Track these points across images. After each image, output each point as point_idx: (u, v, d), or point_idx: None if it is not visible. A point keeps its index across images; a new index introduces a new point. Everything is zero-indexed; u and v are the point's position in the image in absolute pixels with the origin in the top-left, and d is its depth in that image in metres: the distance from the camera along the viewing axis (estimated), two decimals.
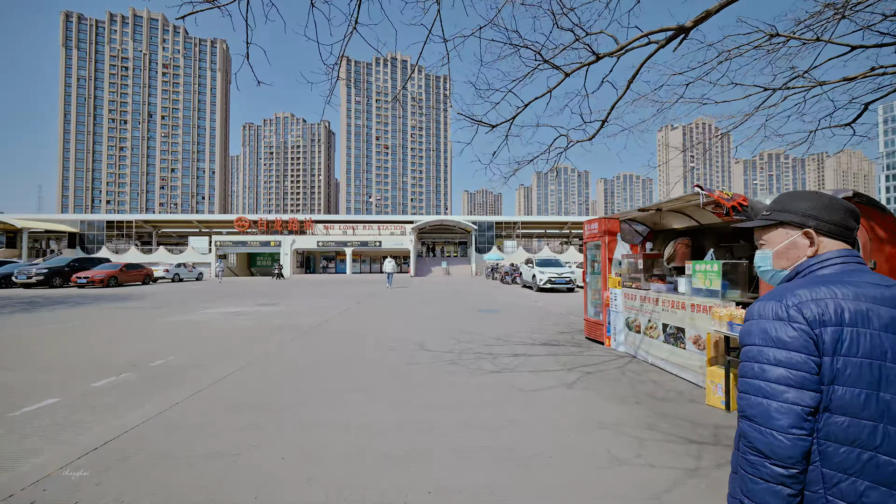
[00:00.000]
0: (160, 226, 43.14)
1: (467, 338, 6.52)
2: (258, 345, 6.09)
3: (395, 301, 12.84)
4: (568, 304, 11.92)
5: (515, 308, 11.00)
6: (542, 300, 13.19)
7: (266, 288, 19.98)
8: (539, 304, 12.13)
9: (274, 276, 30.47)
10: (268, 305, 11.69)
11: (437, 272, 37.09)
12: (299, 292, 16.81)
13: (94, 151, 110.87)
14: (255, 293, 16.43)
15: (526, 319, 8.77)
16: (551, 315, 9.50)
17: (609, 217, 6.08)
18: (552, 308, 11.02)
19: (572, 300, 13.25)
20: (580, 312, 10.04)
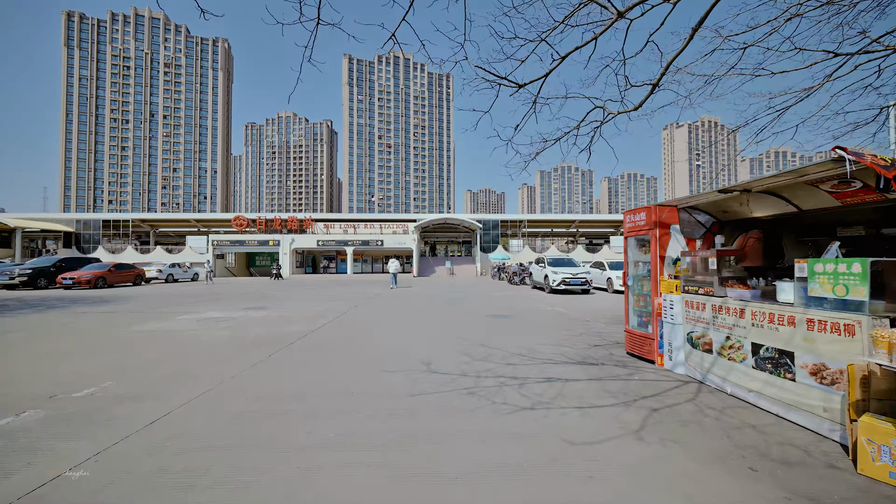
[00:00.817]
0: (157, 225, 42.24)
1: (483, 353, 5.34)
2: (225, 365, 4.93)
3: (397, 305, 11.68)
4: (588, 309, 10.71)
5: (531, 313, 9.80)
6: (559, 303, 11.99)
7: (261, 289, 18.88)
8: (557, 308, 10.93)
9: (272, 277, 29.39)
10: (257, 310, 10.56)
11: (440, 272, 35.93)
12: (295, 294, 15.69)
13: (95, 151, 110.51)
14: (247, 295, 15.32)
15: (547, 328, 7.57)
16: (574, 322, 8.30)
17: (663, 204, 4.89)
18: (572, 313, 9.82)
19: (592, 304, 12.03)
20: (605, 319, 8.84)
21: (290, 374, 4.53)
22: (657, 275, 4.91)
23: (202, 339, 6.46)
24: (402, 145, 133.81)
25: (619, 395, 3.80)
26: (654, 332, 4.90)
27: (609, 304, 11.74)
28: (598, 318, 9.00)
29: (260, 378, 4.35)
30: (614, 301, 12.73)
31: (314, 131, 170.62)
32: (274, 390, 3.93)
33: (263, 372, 4.60)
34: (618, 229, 44.87)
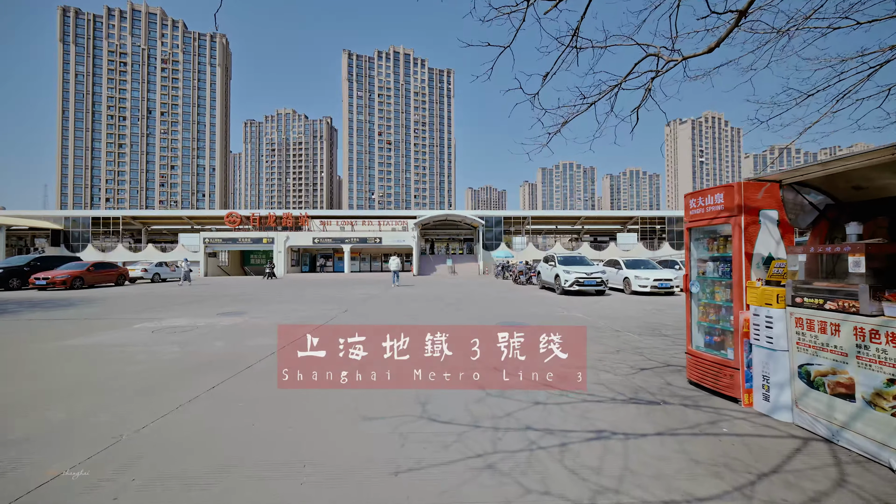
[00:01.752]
0: (149, 222, 40.97)
1: (498, 380, 3.99)
2: (141, 404, 3.58)
3: (392, 309, 10.33)
4: (612, 315, 9.34)
5: (549, 320, 8.44)
6: (575, 307, 10.62)
7: (247, 290, 17.56)
8: (574, 313, 9.56)
9: (265, 276, 28.08)
10: (231, 316, 9.22)
11: (441, 271, 34.60)
12: (282, 295, 14.36)
13: (92, 148, 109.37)
14: (228, 297, 13.99)
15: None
16: (603, 334, 6.94)
17: (753, 179, 3.50)
18: (596, 320, 8.45)
19: (613, 308, 10.66)
20: (637, 328, 7.47)
21: (227, 423, 3.18)
22: (742, 279, 3.54)
23: (140, 359, 5.11)
24: (403, 142, 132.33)
25: (720, 467, 2.44)
26: (738, 359, 3.53)
27: (633, 309, 10.37)
28: (629, 326, 7.62)
29: (176, 432, 2.99)
30: (636, 304, 11.36)
31: (314, 128, 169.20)
32: (185, 462, 2.57)
33: (188, 419, 3.24)
34: (625, 226, 43.46)
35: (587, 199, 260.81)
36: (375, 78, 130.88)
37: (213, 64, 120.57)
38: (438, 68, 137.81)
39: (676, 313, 9.35)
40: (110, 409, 3.44)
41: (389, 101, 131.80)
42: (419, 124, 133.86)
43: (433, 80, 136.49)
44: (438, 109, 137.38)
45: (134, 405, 3.52)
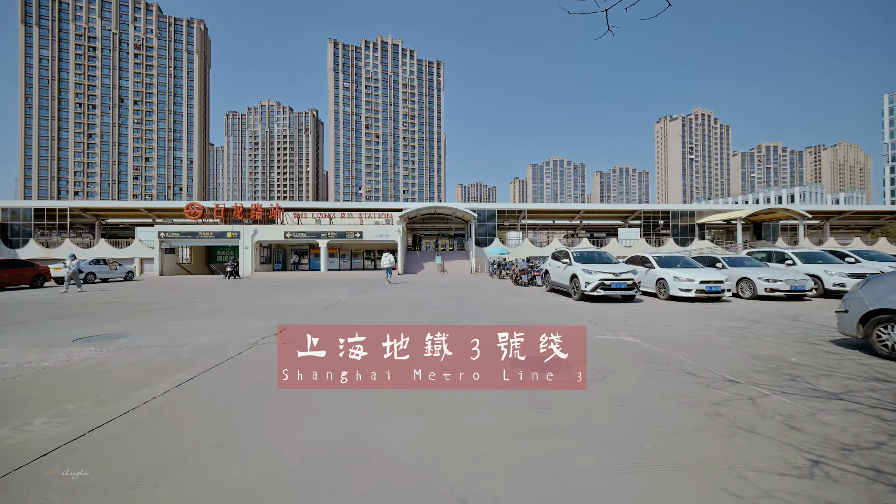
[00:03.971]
0: (104, 215, 36.71)
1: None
2: None
3: (360, 323, 7.09)
4: (675, 335, 6.21)
5: (599, 351, 5.26)
6: (611, 320, 7.49)
7: (180, 294, 14.05)
8: (618, 333, 6.39)
9: (225, 276, 24.45)
10: (95, 342, 5.84)
11: (429, 269, 31.34)
12: (224, 302, 10.96)
13: (59, 138, 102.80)
14: (136, 305, 10.52)
15: (655, 396, 3.17)
16: (675, 372, 3.79)
17: None
18: (658, 346, 5.29)
19: (662, 321, 7.55)
20: (745, 367, 4.29)
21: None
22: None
23: None
24: (391, 135, 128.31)
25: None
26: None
27: (699, 324, 7.28)
28: (736, 365, 4.47)
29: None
30: (689, 314, 8.29)
31: (299, 121, 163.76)
32: None
33: None
34: (626, 221, 40.76)
35: (577, 196, 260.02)
36: (362, 69, 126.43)
37: (190, 51, 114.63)
38: (428, 60, 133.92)
39: (768, 332, 6.29)
40: None
41: (377, 93, 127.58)
42: (408, 117, 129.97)
43: (422, 72, 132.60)
44: (428, 102, 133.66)
45: None
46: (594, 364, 4.45)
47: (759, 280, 10.92)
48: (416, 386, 3.37)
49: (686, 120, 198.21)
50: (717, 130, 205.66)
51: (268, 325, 7.24)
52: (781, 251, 13.08)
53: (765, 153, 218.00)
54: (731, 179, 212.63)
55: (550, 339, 3.46)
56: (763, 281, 10.85)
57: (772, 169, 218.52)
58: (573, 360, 3.47)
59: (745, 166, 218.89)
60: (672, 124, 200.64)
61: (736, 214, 33.87)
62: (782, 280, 10.66)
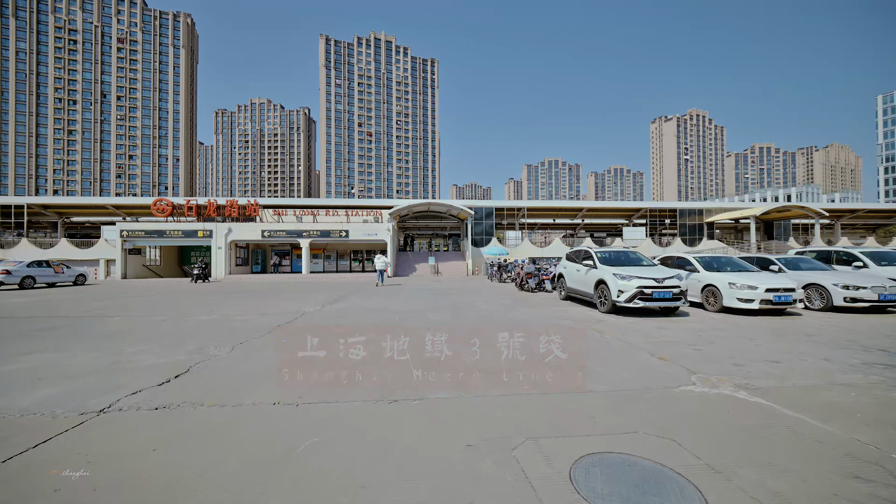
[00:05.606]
0: (67, 212, 33.73)
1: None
2: None
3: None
4: (788, 375, 3.80)
5: (662, 405, 2.85)
6: (672, 349, 5.10)
7: (115, 303, 11.44)
8: (719, 385, 3.98)
9: (192, 279, 21.76)
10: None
11: (422, 270, 28.86)
12: (144, 318, 8.42)
13: (38, 134, 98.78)
14: (33, 321, 7.94)
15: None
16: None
17: None
18: (798, 418, 2.88)
19: (753, 348, 5.16)
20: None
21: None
22: None
23: None
24: (385, 134, 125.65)
25: None
26: None
27: (801, 351, 4.90)
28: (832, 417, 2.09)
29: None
30: (774, 336, 5.92)
31: (290, 119, 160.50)
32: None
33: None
34: (630, 219, 38.61)
35: (572, 196, 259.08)
36: (355, 66, 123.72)
37: (176, 45, 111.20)
38: (422, 57, 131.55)
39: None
40: None
41: (370, 91, 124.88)
42: (402, 115, 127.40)
43: (416, 70, 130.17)
44: (422, 100, 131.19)
45: None
46: (704, 444, 2.01)
47: (835, 287, 8.61)
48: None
49: (681, 120, 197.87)
50: (712, 131, 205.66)
51: (161, 364, 4.73)
52: (846, 251, 10.81)
53: (758, 154, 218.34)
54: (725, 180, 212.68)
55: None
56: (841, 288, 8.54)
57: (765, 170, 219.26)
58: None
59: (739, 167, 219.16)
60: (667, 125, 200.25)
61: (748, 213, 31.85)
62: (867, 287, 8.36)
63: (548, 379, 4.03)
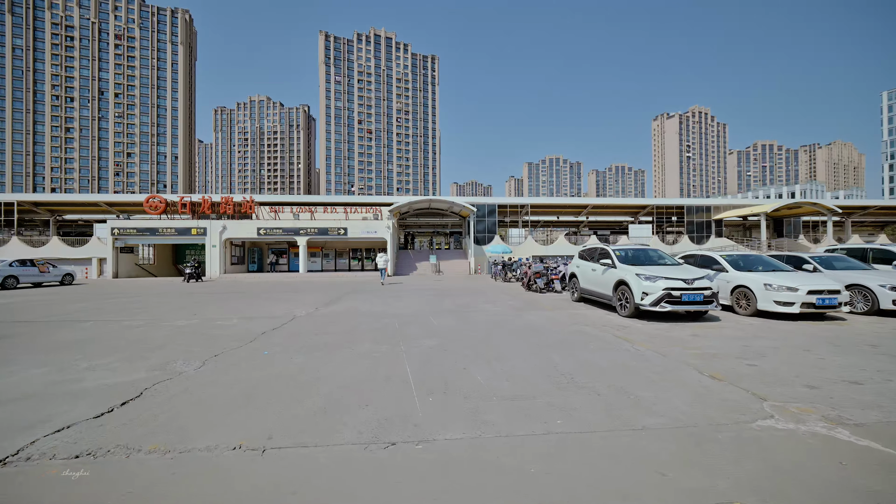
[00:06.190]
0: (59, 210, 32.92)
1: None
2: None
3: (299, 373, 3.84)
4: (880, 403, 2.98)
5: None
6: (721, 363, 4.28)
7: (93, 305, 10.63)
8: (807, 421, 3.16)
9: (185, 278, 20.96)
10: None
11: (423, 269, 28.04)
12: (117, 323, 7.61)
13: (35, 132, 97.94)
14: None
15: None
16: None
17: None
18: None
19: (817, 365, 4.33)
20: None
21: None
22: None
23: None
24: (385, 131, 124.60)
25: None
26: None
27: (879, 366, 4.08)
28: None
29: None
30: (833, 348, 5.10)
31: (290, 117, 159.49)
32: None
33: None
34: (636, 217, 37.71)
35: (573, 194, 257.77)
36: (355, 62, 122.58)
37: (174, 42, 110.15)
38: (423, 54, 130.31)
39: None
40: None
41: (370, 88, 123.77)
42: (402, 113, 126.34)
43: (416, 67, 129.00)
44: (422, 97, 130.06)
45: None
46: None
47: (883, 288, 7.77)
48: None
49: (683, 117, 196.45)
50: (714, 128, 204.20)
51: (112, 385, 3.91)
52: (884, 248, 9.98)
53: (760, 151, 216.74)
54: (727, 178, 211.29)
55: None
56: (889, 290, 7.70)
57: (767, 167, 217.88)
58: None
59: (742, 164, 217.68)
60: (669, 122, 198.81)
61: (758, 210, 30.95)
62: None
63: (584, 408, 3.20)
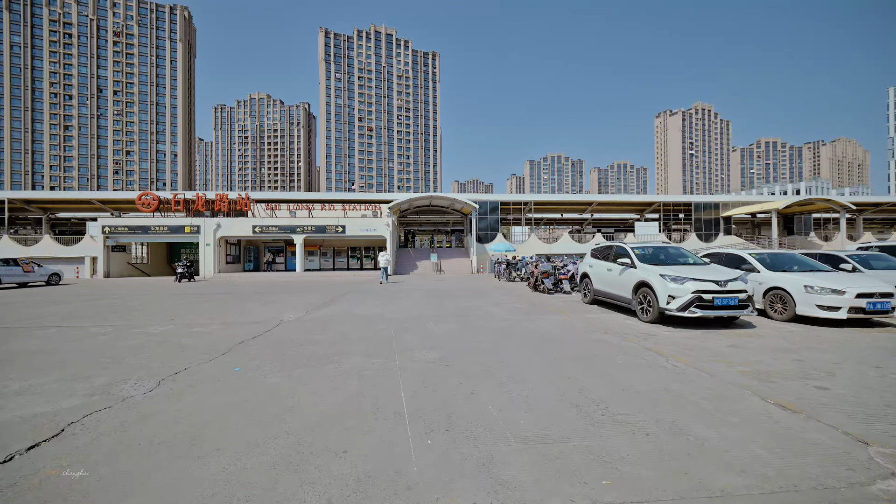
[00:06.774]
0: (52, 207, 32.22)
1: None
2: None
3: (276, 404, 3.07)
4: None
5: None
6: (790, 391, 3.49)
7: (67, 309, 9.86)
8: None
9: (177, 278, 20.24)
10: None
11: (424, 268, 27.24)
12: (84, 331, 6.83)
13: (33, 130, 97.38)
14: None
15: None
16: None
17: None
18: None
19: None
20: None
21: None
22: None
23: None
24: (385, 129, 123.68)
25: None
26: None
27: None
28: None
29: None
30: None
31: (290, 114, 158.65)
32: None
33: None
34: (642, 214, 36.81)
35: (575, 191, 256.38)
36: (355, 59, 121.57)
37: (173, 39, 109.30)
38: (423, 51, 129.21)
39: None
40: None
41: (370, 85, 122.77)
42: (402, 110, 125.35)
43: (417, 63, 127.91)
44: (423, 95, 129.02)
45: None
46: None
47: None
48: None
49: (686, 114, 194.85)
50: (717, 125, 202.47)
51: (31, 416, 3.12)
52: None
53: (764, 149, 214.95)
54: (730, 175, 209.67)
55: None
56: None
57: (771, 165, 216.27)
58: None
59: (745, 162, 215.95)
60: (672, 119, 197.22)
61: (769, 206, 30.05)
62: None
63: (633, 457, 2.39)
